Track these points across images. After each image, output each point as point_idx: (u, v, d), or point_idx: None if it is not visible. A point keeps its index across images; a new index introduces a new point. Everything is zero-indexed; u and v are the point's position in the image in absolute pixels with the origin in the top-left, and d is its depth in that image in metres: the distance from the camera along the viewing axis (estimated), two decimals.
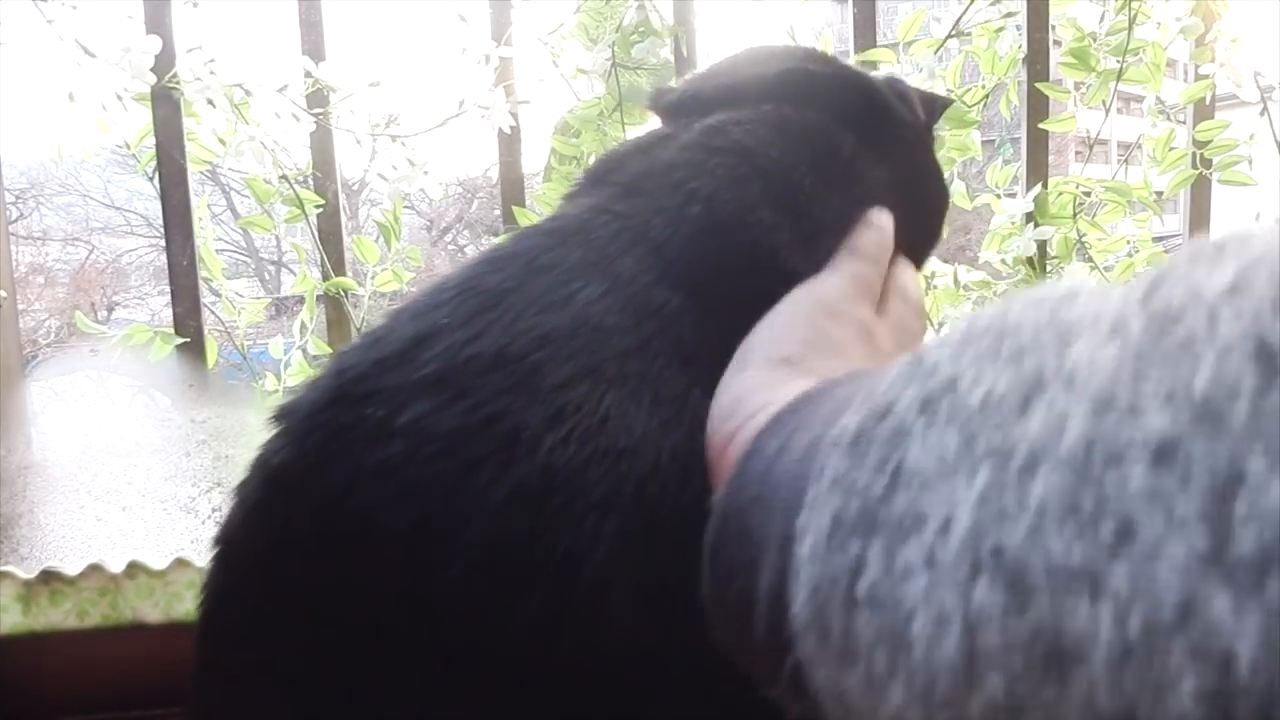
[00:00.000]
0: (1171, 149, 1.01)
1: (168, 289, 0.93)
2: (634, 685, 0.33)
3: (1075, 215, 1.00)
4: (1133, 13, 0.95)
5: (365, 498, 0.32)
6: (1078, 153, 1.33)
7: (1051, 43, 0.99)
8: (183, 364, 0.92)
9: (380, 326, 0.38)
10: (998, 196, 1.02)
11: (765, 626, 0.25)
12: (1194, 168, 1.01)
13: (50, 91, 0.87)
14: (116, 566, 0.73)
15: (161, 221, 0.93)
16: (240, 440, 0.91)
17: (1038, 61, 0.98)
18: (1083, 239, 1.01)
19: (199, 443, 0.92)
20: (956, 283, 1.01)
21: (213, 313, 0.98)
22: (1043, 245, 1.00)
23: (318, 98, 0.92)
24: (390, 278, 0.98)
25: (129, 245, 5.85)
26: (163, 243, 0.94)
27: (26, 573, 0.73)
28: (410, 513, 0.32)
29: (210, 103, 0.89)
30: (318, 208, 0.94)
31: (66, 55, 0.86)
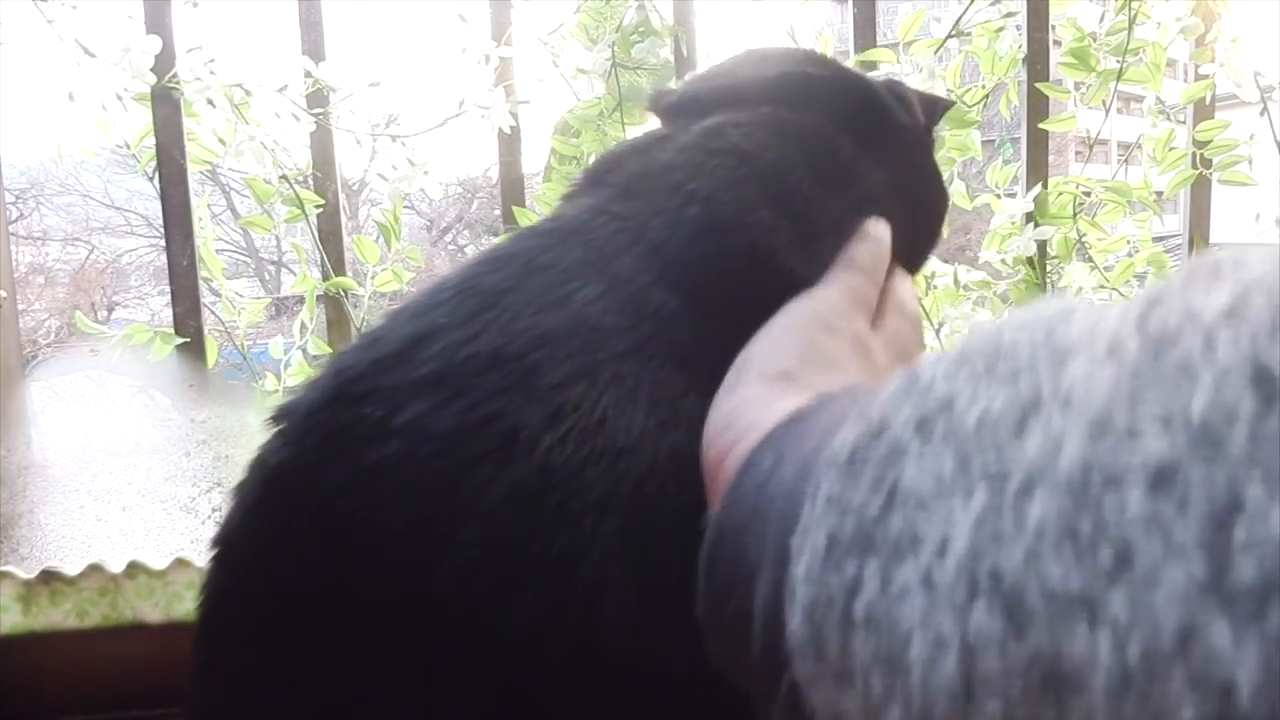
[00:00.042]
0: (1171, 149, 1.01)
1: (168, 289, 0.94)
2: (631, 685, 0.33)
3: (1075, 215, 1.00)
4: (1133, 13, 0.95)
5: (363, 497, 0.32)
6: (1078, 153, 1.33)
7: (1051, 43, 0.99)
8: (183, 364, 0.92)
9: (379, 327, 0.38)
10: (998, 196, 1.02)
11: (761, 645, 0.25)
12: (1194, 168, 1.01)
13: (50, 91, 0.88)
14: (116, 566, 0.73)
15: (161, 221, 0.93)
16: (240, 440, 0.91)
17: (1038, 61, 0.98)
18: (1083, 239, 1.01)
19: (199, 443, 0.92)
20: (956, 283, 1.01)
21: (213, 313, 0.98)
22: (1043, 245, 1.00)
23: (318, 98, 0.92)
24: (390, 278, 0.98)
25: (129, 245, 5.85)
26: (163, 243, 0.94)
27: (26, 573, 0.73)
28: (408, 512, 0.32)
29: (210, 103, 0.89)
30: (318, 208, 0.94)
31: (66, 55, 0.86)
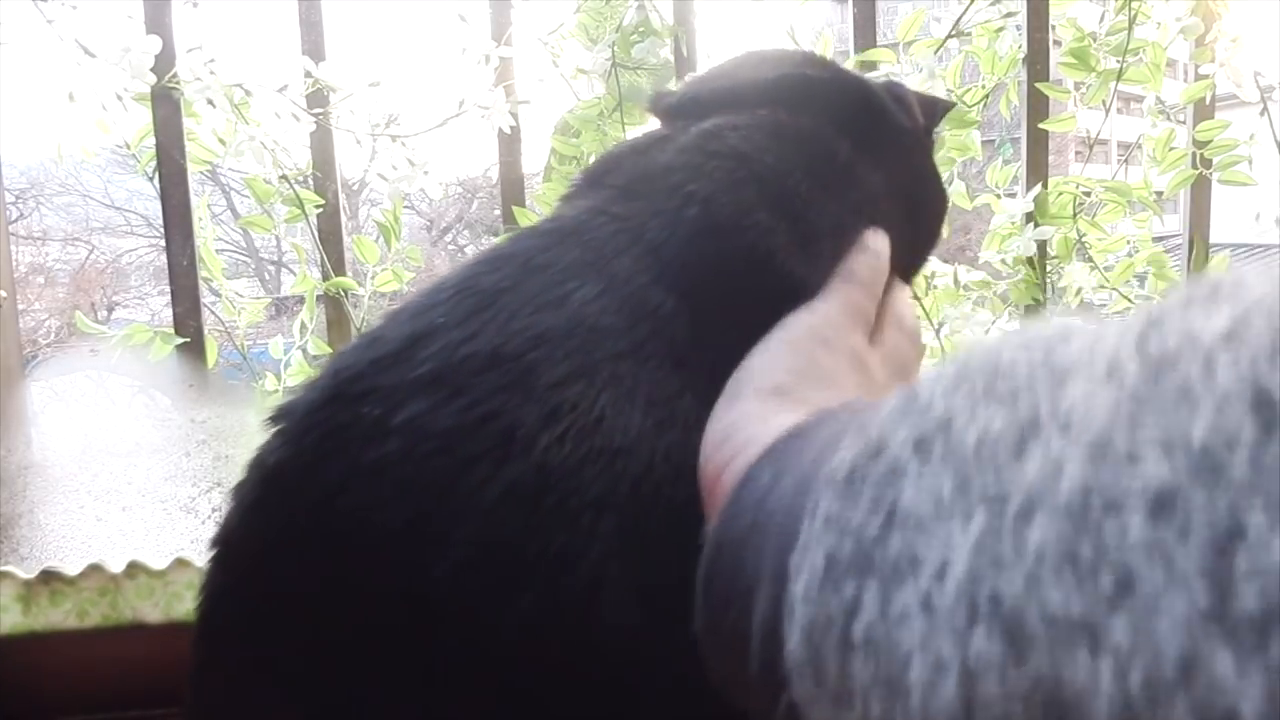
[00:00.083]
0: (1171, 149, 1.01)
1: (168, 289, 0.93)
2: (629, 684, 0.33)
3: (1075, 215, 1.00)
4: (1133, 13, 0.95)
5: (361, 495, 0.32)
6: (1078, 153, 1.33)
7: (1051, 43, 0.99)
8: (183, 364, 0.92)
9: (378, 327, 0.38)
10: (998, 196, 1.02)
11: (759, 663, 0.25)
12: (1194, 168, 1.01)
13: (50, 91, 0.88)
14: (116, 566, 0.73)
15: (161, 221, 0.93)
16: (240, 440, 0.91)
17: (1038, 61, 0.98)
18: (1083, 239, 1.01)
19: (199, 443, 0.92)
20: (956, 283, 1.01)
21: (213, 313, 0.98)
22: (1043, 245, 1.00)
23: (318, 98, 0.92)
24: (390, 278, 0.98)
25: (129, 245, 5.86)
26: (163, 243, 0.94)
27: (26, 573, 0.73)
28: (406, 510, 0.32)
29: (210, 103, 0.89)
30: (318, 208, 0.94)
31: (66, 55, 0.86)
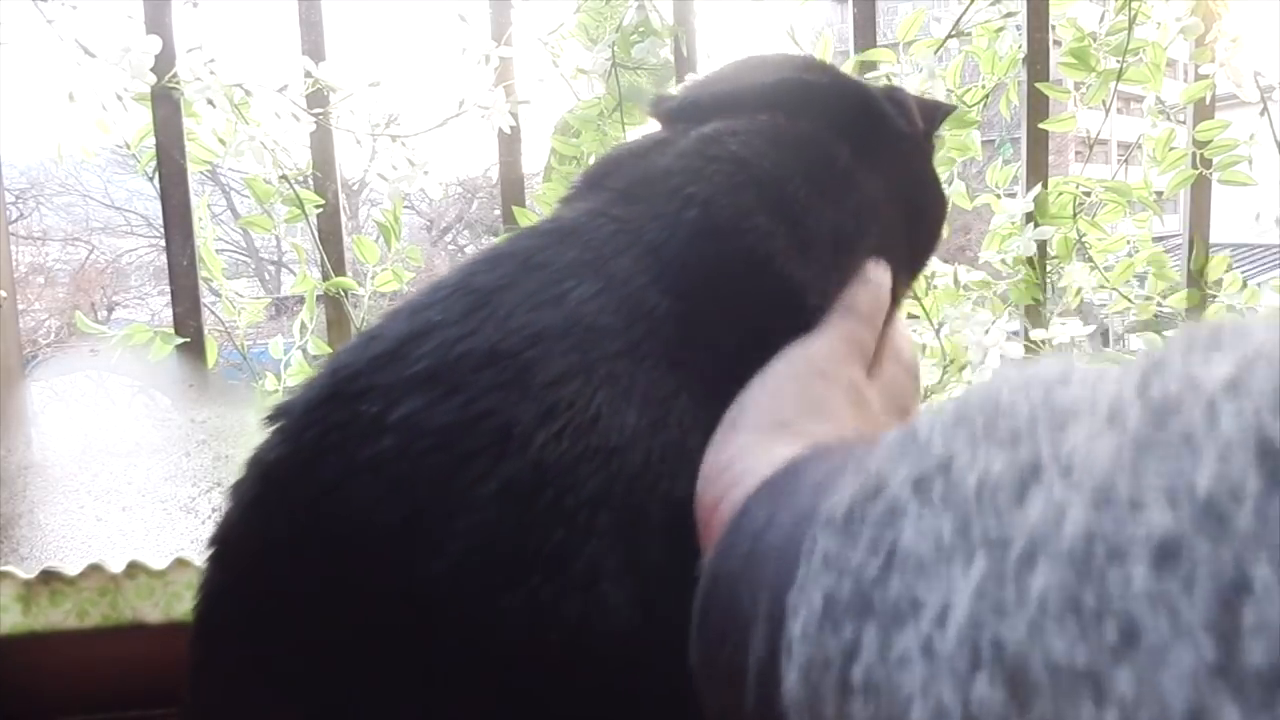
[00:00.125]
0: (1171, 149, 1.01)
1: (168, 289, 0.94)
2: (625, 682, 0.33)
3: (1075, 215, 1.00)
4: (1133, 13, 0.95)
5: (357, 492, 0.33)
6: (1078, 153, 1.33)
7: (1051, 43, 0.99)
8: (183, 364, 0.92)
9: (376, 326, 0.38)
10: (998, 196, 1.02)
11: (755, 699, 0.25)
12: (1194, 168, 1.01)
13: (50, 91, 0.88)
14: (116, 566, 0.73)
15: (161, 221, 0.93)
16: (240, 440, 0.91)
17: (1038, 61, 0.98)
18: (1083, 239, 1.01)
19: (199, 443, 0.92)
20: (956, 283, 1.01)
21: (213, 313, 0.98)
22: (1043, 245, 1.00)
23: (318, 98, 0.92)
24: (390, 278, 0.98)
25: (129, 245, 5.85)
26: (163, 243, 0.94)
27: (26, 573, 0.73)
28: (402, 507, 0.32)
29: (210, 103, 0.89)
30: (318, 208, 0.94)
31: (66, 55, 0.86)
